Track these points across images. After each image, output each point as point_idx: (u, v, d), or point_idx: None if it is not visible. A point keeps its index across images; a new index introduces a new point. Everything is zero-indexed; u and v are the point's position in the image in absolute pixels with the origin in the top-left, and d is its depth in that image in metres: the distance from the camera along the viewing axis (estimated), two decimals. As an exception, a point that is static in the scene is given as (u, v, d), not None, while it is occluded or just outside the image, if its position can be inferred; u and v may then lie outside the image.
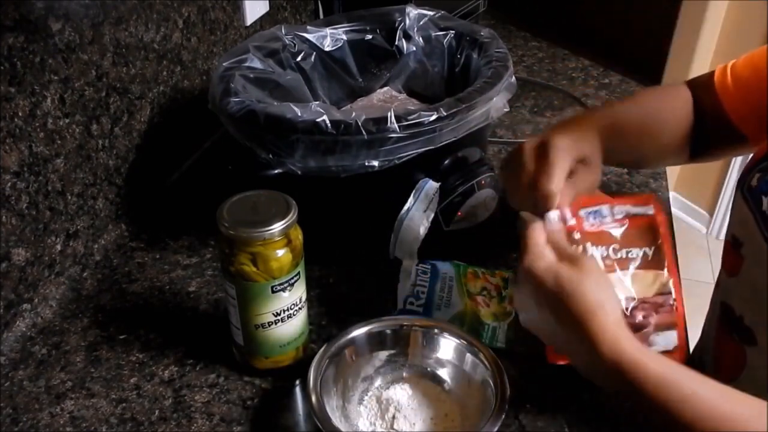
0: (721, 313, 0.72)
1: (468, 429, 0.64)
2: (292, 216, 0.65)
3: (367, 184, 0.78)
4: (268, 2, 1.21)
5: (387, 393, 0.68)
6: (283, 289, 0.67)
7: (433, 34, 0.97)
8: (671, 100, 0.84)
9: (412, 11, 0.98)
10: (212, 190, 0.75)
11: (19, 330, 0.79)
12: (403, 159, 0.75)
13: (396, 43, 0.98)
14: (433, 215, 0.81)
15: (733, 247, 0.71)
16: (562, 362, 0.64)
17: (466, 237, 0.87)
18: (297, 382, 0.72)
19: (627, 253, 0.66)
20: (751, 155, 0.71)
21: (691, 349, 0.80)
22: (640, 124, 0.79)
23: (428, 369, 0.70)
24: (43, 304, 0.82)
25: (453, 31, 0.96)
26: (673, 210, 1.01)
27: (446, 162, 0.84)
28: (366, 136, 0.73)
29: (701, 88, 0.81)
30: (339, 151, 0.74)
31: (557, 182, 0.65)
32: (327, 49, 0.98)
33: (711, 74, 0.80)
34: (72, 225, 0.85)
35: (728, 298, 0.71)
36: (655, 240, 0.67)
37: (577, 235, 0.66)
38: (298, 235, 0.67)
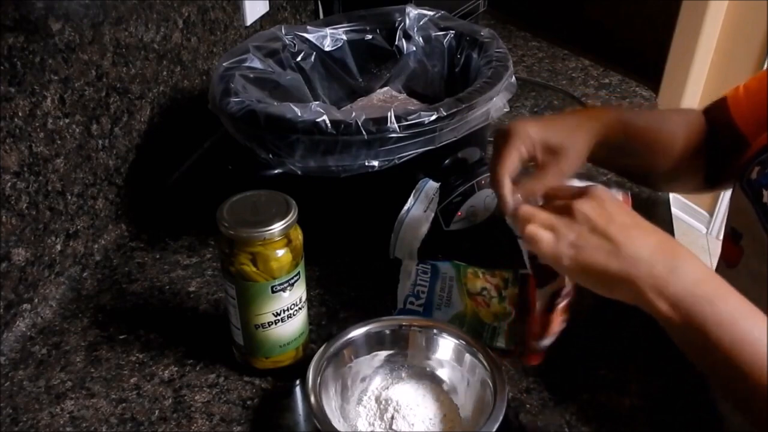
0: None
1: (467, 429, 0.64)
2: (292, 216, 0.65)
3: (367, 184, 0.78)
4: (268, 2, 1.21)
5: (386, 393, 0.68)
6: (283, 289, 0.67)
7: (433, 34, 0.97)
8: (682, 113, 0.85)
9: (412, 11, 0.98)
10: (212, 190, 0.75)
11: (19, 330, 0.79)
12: (403, 159, 0.75)
13: (396, 43, 0.98)
14: (433, 215, 0.81)
15: (732, 239, 0.71)
16: (537, 360, 0.65)
17: (466, 237, 0.87)
18: (297, 382, 0.72)
19: None
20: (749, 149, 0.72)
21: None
22: (647, 124, 0.80)
23: (427, 369, 0.70)
24: (43, 304, 0.82)
25: (453, 31, 0.97)
26: (673, 210, 1.01)
27: (446, 162, 0.84)
28: (366, 136, 0.73)
29: (716, 108, 0.82)
30: (339, 151, 0.74)
31: (504, 169, 0.67)
32: (327, 49, 0.98)
33: (726, 95, 0.82)
34: (72, 225, 0.86)
35: None
36: None
37: None
38: (298, 235, 0.67)
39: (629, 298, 0.56)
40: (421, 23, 0.98)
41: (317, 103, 0.81)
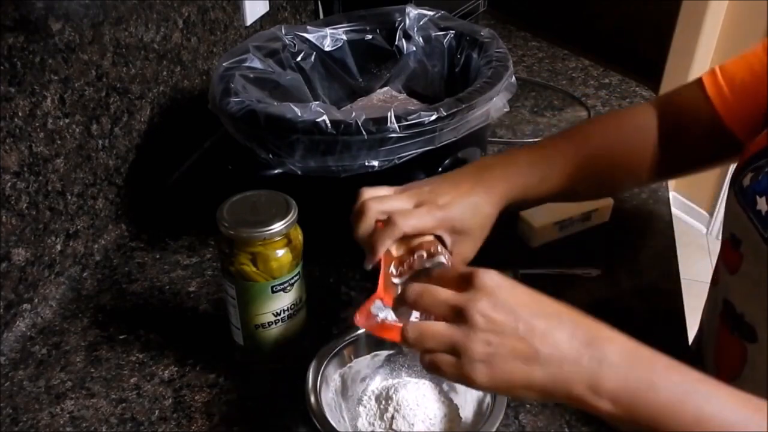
0: (723, 310, 0.72)
1: (467, 429, 0.64)
2: (292, 216, 0.65)
3: (367, 184, 0.78)
4: (268, 2, 1.22)
5: (386, 393, 0.68)
6: (283, 289, 0.67)
7: (433, 34, 0.97)
8: (625, 127, 0.80)
9: (412, 11, 0.98)
10: (212, 190, 0.75)
11: (19, 330, 0.79)
12: (403, 159, 0.75)
13: (396, 43, 0.98)
14: (433, 215, 0.81)
15: (732, 245, 0.71)
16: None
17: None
18: (297, 382, 0.72)
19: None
20: (742, 153, 0.71)
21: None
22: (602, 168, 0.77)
23: (428, 369, 0.70)
24: (43, 304, 0.82)
25: (453, 31, 0.96)
26: (673, 210, 1.01)
27: (446, 162, 0.84)
28: (366, 136, 0.73)
29: (683, 99, 0.79)
30: (339, 151, 0.74)
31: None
32: (327, 49, 0.98)
33: (696, 83, 0.76)
34: (72, 225, 0.86)
35: (729, 295, 0.71)
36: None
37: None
38: (298, 235, 0.67)
39: (565, 401, 0.49)
40: (421, 23, 0.98)
41: (317, 103, 0.81)
